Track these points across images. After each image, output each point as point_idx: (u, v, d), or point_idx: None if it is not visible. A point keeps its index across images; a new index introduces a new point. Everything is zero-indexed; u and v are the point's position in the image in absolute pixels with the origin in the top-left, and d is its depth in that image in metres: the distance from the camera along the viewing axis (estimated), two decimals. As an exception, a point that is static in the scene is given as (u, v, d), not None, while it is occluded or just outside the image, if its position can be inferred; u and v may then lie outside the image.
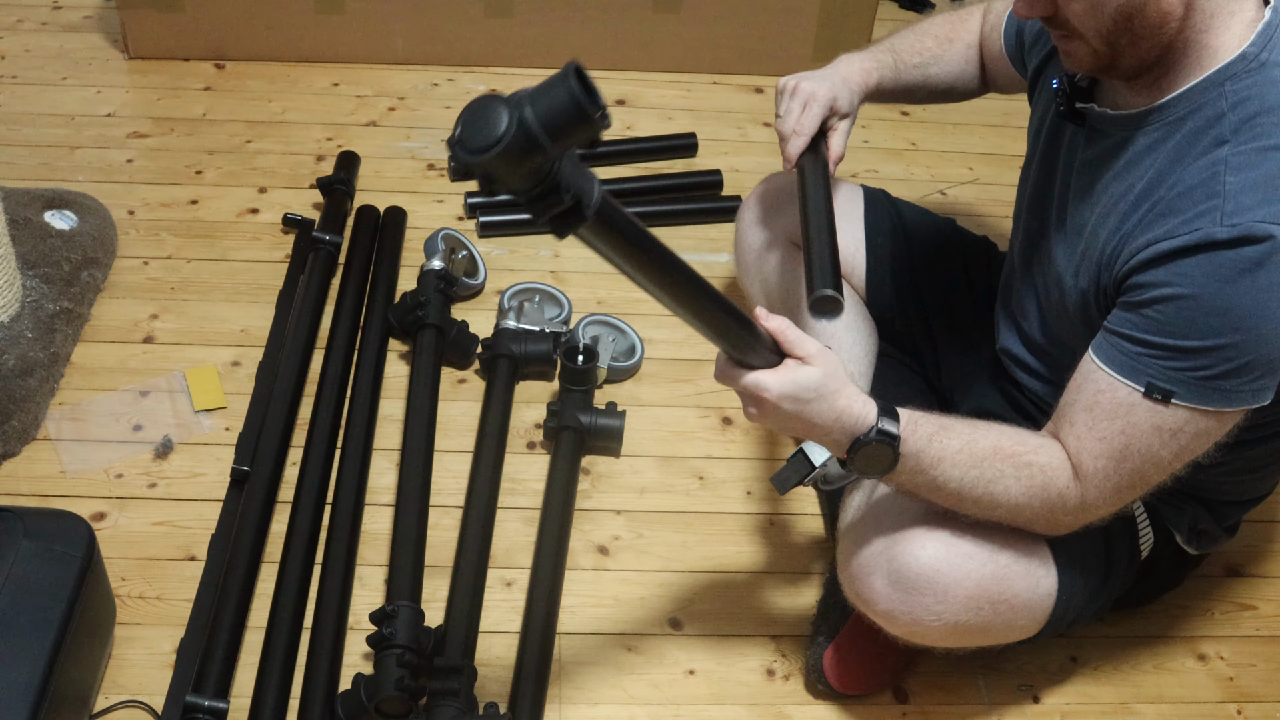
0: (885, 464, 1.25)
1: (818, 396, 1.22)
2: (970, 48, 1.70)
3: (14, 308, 1.84)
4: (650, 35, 2.57)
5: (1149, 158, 1.26)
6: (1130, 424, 1.23)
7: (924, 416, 1.27)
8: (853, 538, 1.42)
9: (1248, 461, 1.37)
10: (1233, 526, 1.54)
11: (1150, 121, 1.26)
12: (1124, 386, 1.23)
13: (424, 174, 2.32)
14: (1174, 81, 1.24)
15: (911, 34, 1.73)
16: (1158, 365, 1.21)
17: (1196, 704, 1.61)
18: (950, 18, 1.73)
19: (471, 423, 1.83)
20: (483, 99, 0.91)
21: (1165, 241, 1.19)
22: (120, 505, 1.70)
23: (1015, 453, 1.27)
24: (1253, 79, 1.20)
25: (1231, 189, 1.17)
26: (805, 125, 1.60)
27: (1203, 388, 1.20)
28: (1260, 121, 1.18)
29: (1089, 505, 1.29)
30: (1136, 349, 1.22)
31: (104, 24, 2.59)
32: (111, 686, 1.49)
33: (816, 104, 1.60)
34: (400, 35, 2.53)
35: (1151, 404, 1.22)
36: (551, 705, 1.51)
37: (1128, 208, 1.26)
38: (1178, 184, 1.21)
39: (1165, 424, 1.22)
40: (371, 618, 1.49)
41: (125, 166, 2.27)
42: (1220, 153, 1.19)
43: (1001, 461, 1.27)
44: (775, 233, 1.77)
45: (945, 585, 1.33)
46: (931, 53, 1.70)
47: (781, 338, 1.22)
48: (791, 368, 1.21)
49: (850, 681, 1.54)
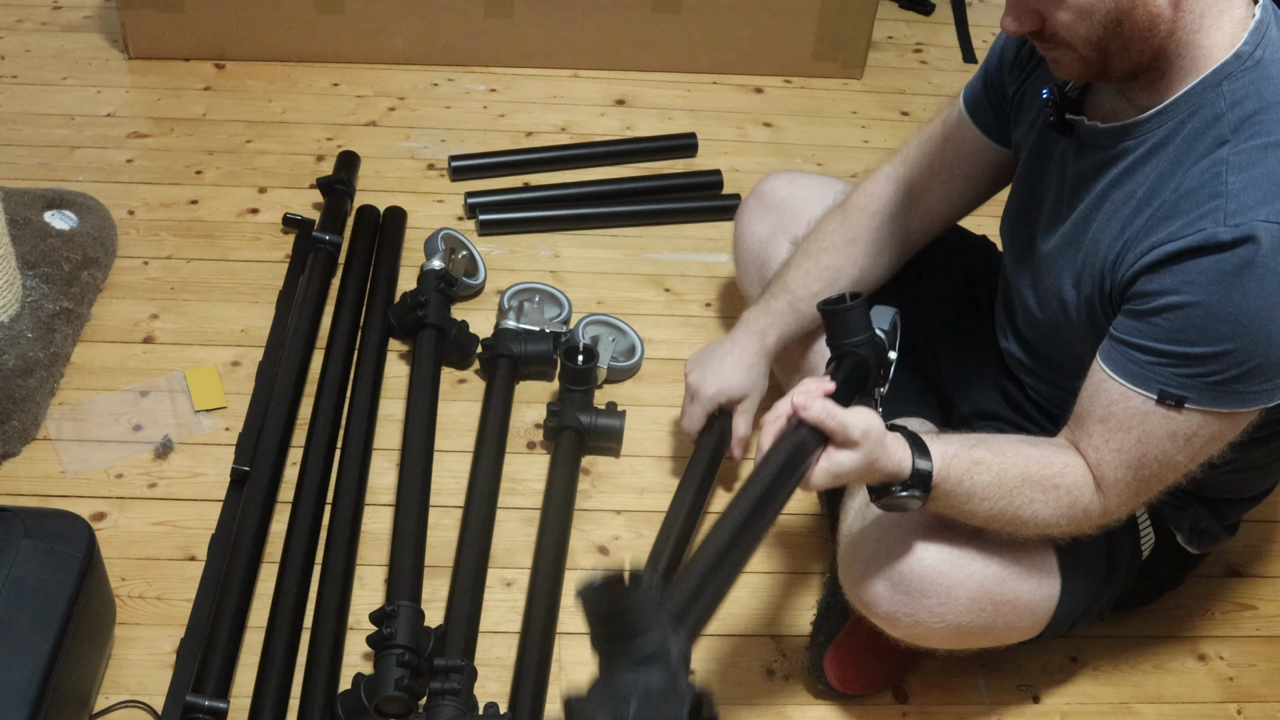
0: (915, 506, 1.27)
1: (866, 471, 1.23)
2: (883, 221, 1.61)
3: (14, 308, 1.84)
4: (650, 35, 2.57)
5: (1150, 161, 1.25)
6: (1146, 432, 1.24)
7: (956, 454, 1.26)
8: (853, 542, 1.42)
9: (1253, 459, 1.37)
10: (1233, 525, 1.54)
11: (1147, 128, 1.25)
12: (1137, 395, 1.23)
13: (424, 174, 2.32)
14: (1169, 85, 1.23)
15: (805, 259, 1.63)
16: (1169, 372, 1.21)
17: (1196, 704, 1.61)
18: (835, 215, 1.64)
19: (471, 423, 1.83)
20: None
21: (1170, 244, 1.19)
22: (120, 505, 1.69)
23: (1043, 477, 1.28)
24: (1249, 77, 1.20)
25: (1234, 188, 1.17)
26: (691, 425, 1.70)
27: (1216, 391, 1.20)
28: (1260, 119, 1.18)
29: (1110, 512, 1.30)
30: (1146, 358, 1.22)
31: (104, 24, 2.59)
32: (111, 686, 1.49)
33: (698, 404, 1.68)
34: (400, 35, 2.53)
35: (1165, 411, 1.22)
36: (551, 705, 1.51)
37: (1130, 212, 1.26)
38: (1180, 186, 1.21)
39: (1180, 429, 1.23)
40: (371, 618, 1.49)
41: (125, 166, 2.27)
42: (1221, 153, 1.19)
43: (1031, 489, 1.28)
44: (775, 232, 1.77)
45: (948, 587, 1.33)
46: (835, 268, 1.62)
47: (825, 428, 1.21)
48: (834, 454, 1.21)
49: (850, 681, 1.54)
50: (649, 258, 2.19)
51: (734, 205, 2.11)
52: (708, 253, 2.21)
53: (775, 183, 1.83)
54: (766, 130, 2.52)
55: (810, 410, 1.20)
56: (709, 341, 1.78)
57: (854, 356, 1.31)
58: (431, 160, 2.35)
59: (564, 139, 2.44)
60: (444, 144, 2.39)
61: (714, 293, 2.13)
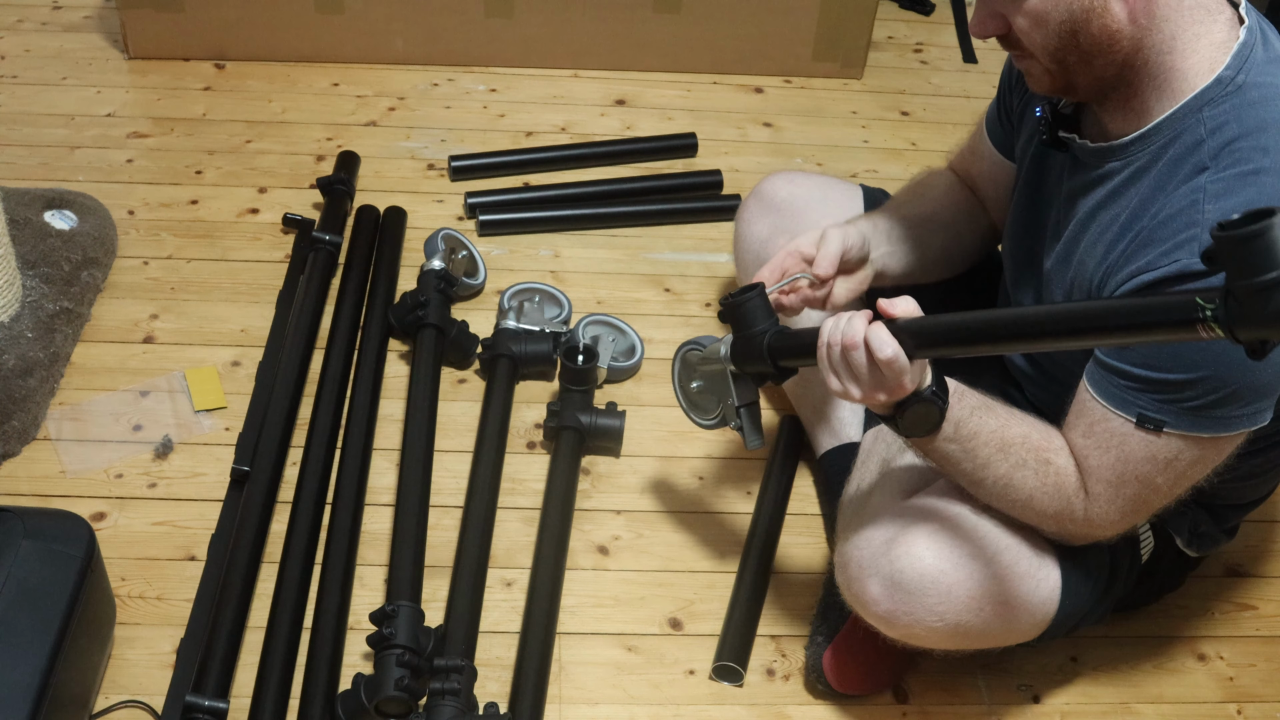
0: (931, 423, 1.26)
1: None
2: (952, 185, 1.63)
3: (14, 308, 1.84)
4: (650, 35, 2.57)
5: (1134, 186, 1.25)
6: (1125, 453, 1.25)
7: (968, 390, 1.29)
8: (850, 541, 1.42)
9: (1250, 469, 1.37)
10: (1232, 529, 1.54)
11: (1131, 151, 1.25)
12: (1117, 417, 1.24)
13: (424, 174, 2.32)
14: (1149, 108, 1.23)
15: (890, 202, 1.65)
16: (1147, 397, 1.21)
17: (1196, 704, 1.61)
18: (916, 180, 1.67)
19: (471, 423, 1.83)
20: None
21: (1146, 274, 1.19)
22: (120, 505, 1.70)
23: (1040, 447, 1.29)
24: (1230, 103, 1.19)
25: (1210, 217, 1.16)
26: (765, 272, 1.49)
27: (1194, 417, 1.20)
28: (1238, 146, 1.17)
29: (1094, 522, 1.30)
30: (1124, 382, 1.23)
31: (104, 24, 2.59)
32: (111, 686, 1.49)
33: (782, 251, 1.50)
34: (400, 35, 2.53)
35: (1144, 434, 1.23)
36: (551, 705, 1.51)
37: (1113, 237, 1.26)
38: (1159, 213, 1.21)
39: (1159, 453, 1.23)
40: (371, 618, 1.49)
41: (125, 166, 2.27)
42: (1200, 180, 1.18)
43: (1027, 451, 1.29)
44: (775, 232, 1.77)
45: (948, 586, 1.33)
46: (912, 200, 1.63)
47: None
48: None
49: (850, 682, 1.54)
50: (649, 258, 2.19)
51: (734, 205, 2.11)
52: (708, 253, 2.21)
53: (775, 183, 1.83)
54: (766, 130, 2.52)
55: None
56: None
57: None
58: (431, 160, 2.35)
59: (564, 139, 2.44)
60: (444, 144, 2.39)
61: (714, 293, 2.13)
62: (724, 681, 1.56)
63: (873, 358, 1.19)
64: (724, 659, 1.56)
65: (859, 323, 1.21)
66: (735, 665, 1.55)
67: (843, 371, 1.23)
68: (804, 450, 1.84)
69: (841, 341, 1.22)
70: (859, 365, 1.21)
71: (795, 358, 1.34)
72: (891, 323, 1.20)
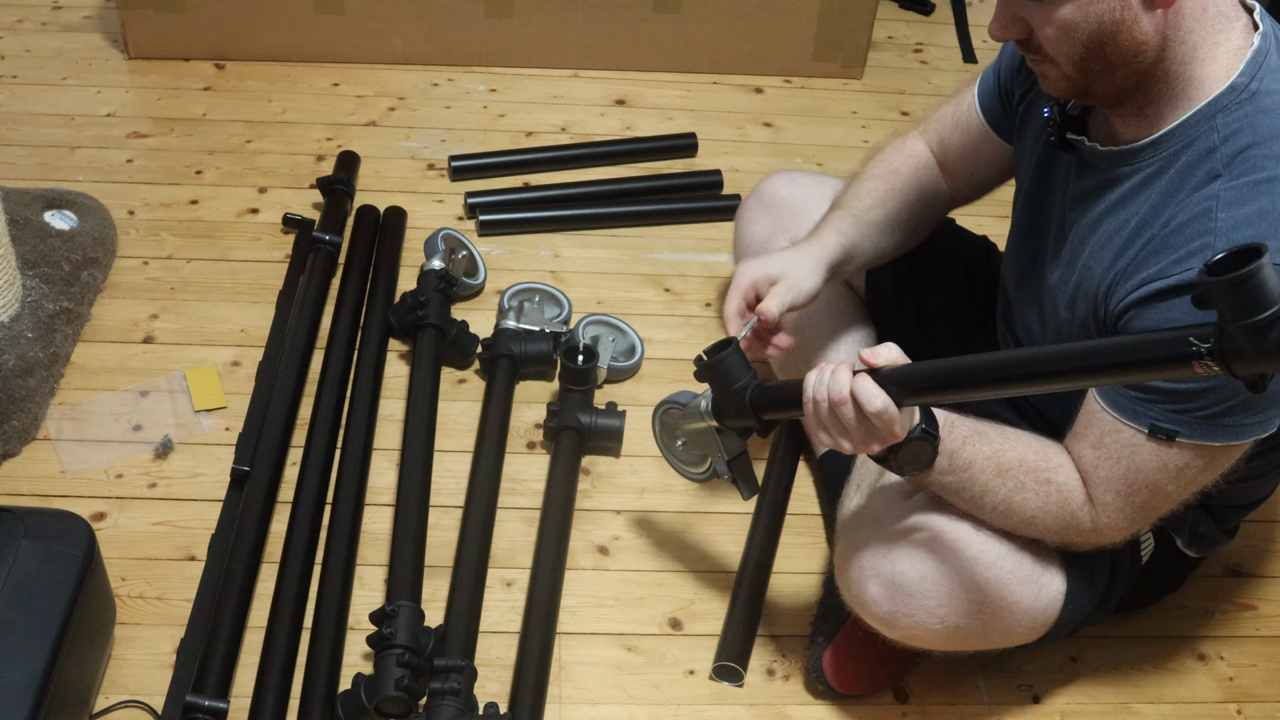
0: (924, 461, 1.25)
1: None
2: (920, 166, 1.62)
3: (14, 308, 1.84)
4: (650, 35, 2.57)
5: (1144, 192, 1.24)
6: (1136, 464, 1.24)
7: (958, 419, 1.28)
8: (850, 542, 1.42)
9: (1251, 470, 1.37)
10: (1233, 529, 1.54)
11: (1143, 157, 1.24)
12: (1128, 429, 1.23)
13: (424, 174, 2.32)
14: (1163, 114, 1.22)
15: (854, 184, 1.63)
16: (1159, 408, 1.21)
17: (1196, 704, 1.61)
18: (886, 152, 1.64)
19: (471, 423, 1.83)
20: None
21: (1158, 281, 1.19)
22: (120, 505, 1.70)
23: (1038, 468, 1.28)
24: (1243, 110, 1.18)
25: (1223, 226, 1.15)
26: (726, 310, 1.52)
27: (1206, 425, 1.20)
28: (1252, 154, 1.17)
29: (1101, 530, 1.30)
30: (1136, 393, 1.22)
31: (104, 24, 2.59)
32: (111, 686, 1.49)
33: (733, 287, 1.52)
34: (400, 35, 2.53)
35: (1156, 444, 1.22)
36: (551, 705, 1.51)
37: (1123, 243, 1.25)
38: (1171, 220, 1.20)
39: (1171, 462, 1.23)
40: (371, 618, 1.49)
41: (125, 166, 2.27)
42: (1213, 188, 1.17)
43: (1024, 474, 1.28)
44: (775, 232, 1.77)
45: (948, 588, 1.33)
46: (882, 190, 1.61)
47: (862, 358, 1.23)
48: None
49: (850, 682, 1.54)
50: (649, 258, 2.19)
51: (734, 205, 2.12)
52: (708, 253, 2.21)
53: (775, 183, 1.83)
54: (766, 130, 2.52)
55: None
56: (709, 342, 1.77)
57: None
58: (431, 160, 2.35)
59: (564, 139, 2.44)
60: (444, 144, 2.39)
61: (714, 293, 2.13)
62: (724, 682, 1.56)
63: (861, 411, 1.18)
64: (724, 659, 1.56)
65: (843, 376, 1.20)
66: (735, 665, 1.55)
67: (832, 427, 1.22)
68: (804, 450, 1.84)
69: (829, 397, 1.21)
70: (848, 420, 1.20)
71: (779, 410, 1.34)
72: (875, 372, 1.19)
